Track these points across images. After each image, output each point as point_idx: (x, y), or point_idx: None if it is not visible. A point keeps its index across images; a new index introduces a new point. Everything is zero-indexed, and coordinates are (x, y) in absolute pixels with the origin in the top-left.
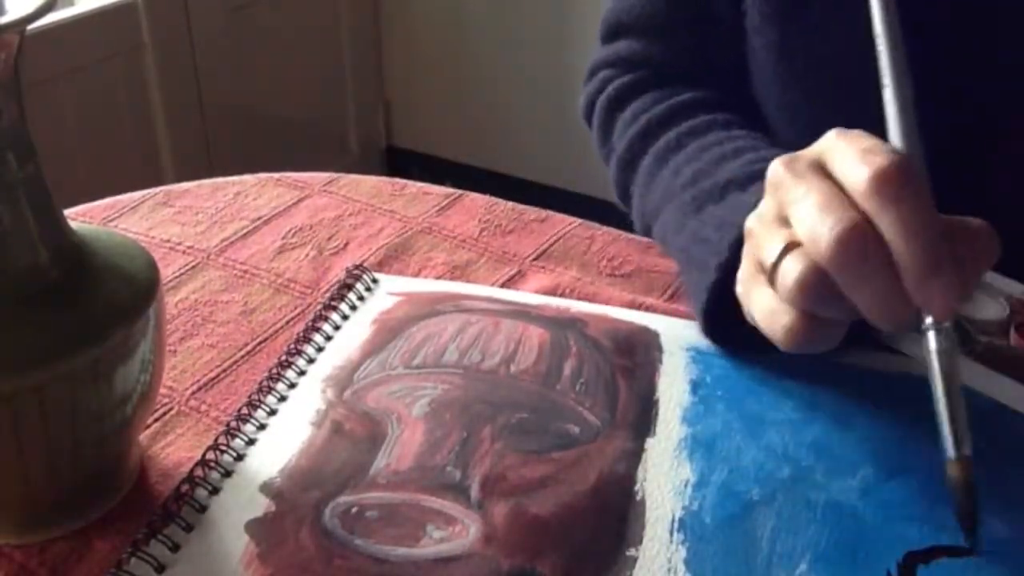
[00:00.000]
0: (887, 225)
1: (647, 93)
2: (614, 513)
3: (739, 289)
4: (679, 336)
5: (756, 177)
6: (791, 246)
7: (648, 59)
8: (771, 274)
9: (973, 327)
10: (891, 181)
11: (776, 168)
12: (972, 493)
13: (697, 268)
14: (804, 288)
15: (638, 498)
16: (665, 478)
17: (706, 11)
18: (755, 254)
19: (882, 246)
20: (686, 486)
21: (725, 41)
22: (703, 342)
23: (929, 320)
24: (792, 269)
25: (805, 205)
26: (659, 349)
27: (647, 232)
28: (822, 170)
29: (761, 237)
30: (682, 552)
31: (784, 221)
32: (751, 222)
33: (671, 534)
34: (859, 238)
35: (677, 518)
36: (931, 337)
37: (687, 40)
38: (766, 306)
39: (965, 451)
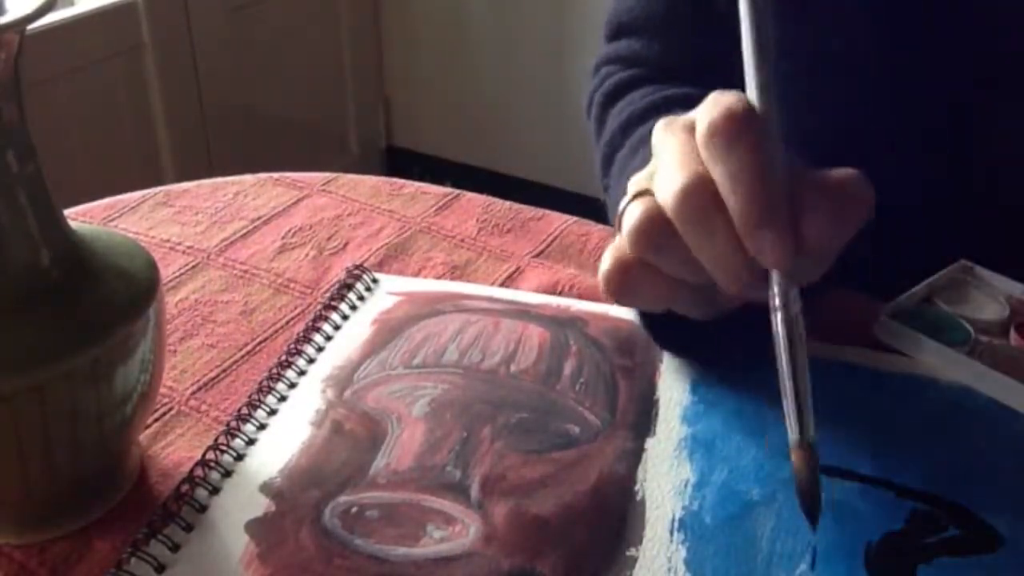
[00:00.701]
0: (717, 176)
1: (639, 88)
2: (614, 513)
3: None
4: None
5: None
6: (640, 194)
7: (647, 58)
8: (620, 220)
9: (973, 327)
10: (720, 133)
11: (655, 129)
12: (814, 479)
13: None
14: (640, 229)
15: (638, 498)
16: (665, 478)
17: (706, 8)
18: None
19: (722, 199)
20: (686, 486)
21: (725, 38)
22: None
23: (777, 302)
24: (633, 211)
25: (664, 159)
26: (659, 349)
27: None
28: (692, 128)
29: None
30: (682, 552)
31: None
32: (630, 183)
33: (671, 534)
34: (699, 191)
35: (677, 518)
36: (778, 318)
37: (685, 38)
38: (606, 254)
39: (808, 436)
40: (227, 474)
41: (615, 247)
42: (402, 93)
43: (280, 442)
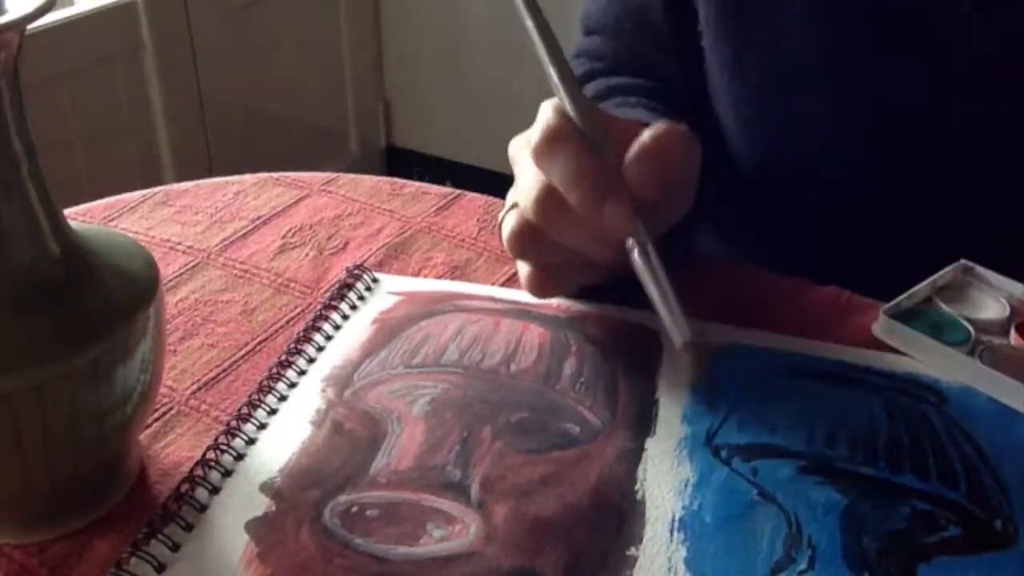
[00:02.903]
0: (555, 183)
1: (597, 80)
2: (614, 513)
3: None
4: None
5: None
6: (513, 206)
7: (604, 55)
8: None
9: (973, 327)
10: (541, 152)
11: (510, 146)
12: (705, 366)
13: None
14: (513, 239)
15: (638, 498)
16: (665, 478)
17: (643, 20)
18: None
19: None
20: (686, 486)
21: (660, 42)
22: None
23: (632, 246)
24: (507, 223)
25: (518, 173)
26: (660, 348)
27: None
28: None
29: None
30: (682, 552)
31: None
32: (508, 196)
33: (671, 534)
34: (546, 197)
35: (677, 518)
36: (635, 254)
37: (630, 42)
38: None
39: (687, 335)
40: (227, 474)
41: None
42: (402, 93)
43: (280, 442)
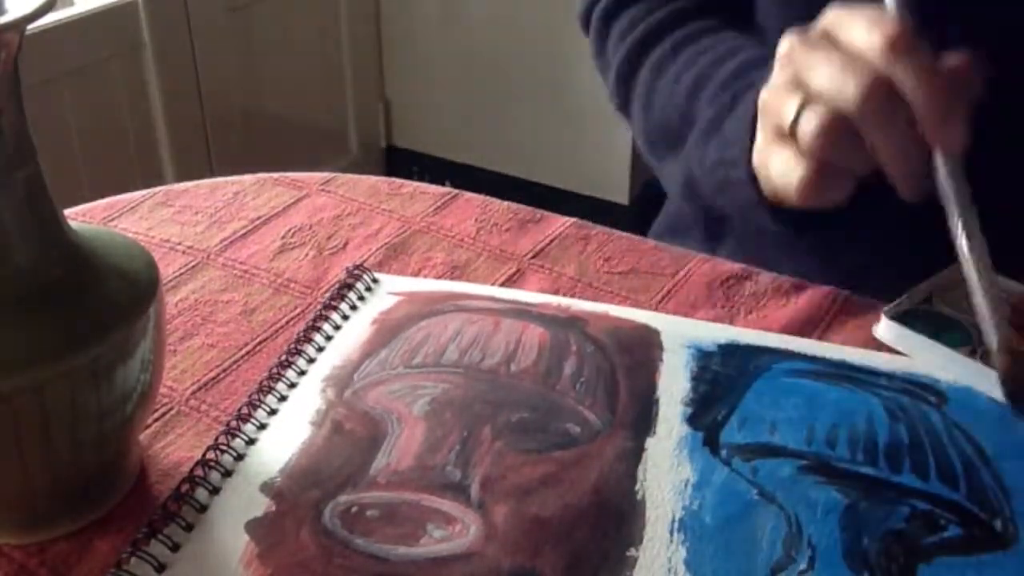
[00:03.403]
0: (904, 79)
1: (640, 2)
2: (614, 513)
3: (755, 161)
4: (680, 334)
5: (755, 69)
6: (807, 102)
7: None
8: (792, 129)
9: (974, 327)
10: (902, 42)
11: (790, 41)
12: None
13: (730, 186)
14: (824, 134)
15: (638, 498)
16: (665, 478)
17: None
18: (771, 121)
19: (900, 97)
20: (686, 486)
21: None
22: (704, 340)
23: (960, 230)
24: (812, 119)
25: (825, 68)
26: (660, 347)
27: (650, 150)
28: (832, 41)
29: (777, 103)
30: (682, 552)
31: (798, 87)
32: (764, 95)
33: (671, 534)
34: (883, 89)
35: (677, 518)
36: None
37: None
38: (783, 164)
39: (1006, 339)
40: (227, 474)
41: (786, 156)
42: (402, 93)
43: (280, 442)
